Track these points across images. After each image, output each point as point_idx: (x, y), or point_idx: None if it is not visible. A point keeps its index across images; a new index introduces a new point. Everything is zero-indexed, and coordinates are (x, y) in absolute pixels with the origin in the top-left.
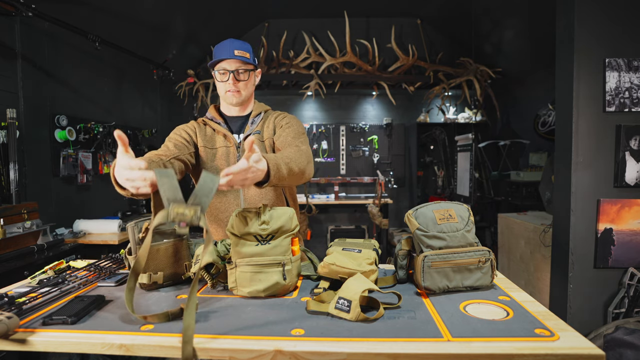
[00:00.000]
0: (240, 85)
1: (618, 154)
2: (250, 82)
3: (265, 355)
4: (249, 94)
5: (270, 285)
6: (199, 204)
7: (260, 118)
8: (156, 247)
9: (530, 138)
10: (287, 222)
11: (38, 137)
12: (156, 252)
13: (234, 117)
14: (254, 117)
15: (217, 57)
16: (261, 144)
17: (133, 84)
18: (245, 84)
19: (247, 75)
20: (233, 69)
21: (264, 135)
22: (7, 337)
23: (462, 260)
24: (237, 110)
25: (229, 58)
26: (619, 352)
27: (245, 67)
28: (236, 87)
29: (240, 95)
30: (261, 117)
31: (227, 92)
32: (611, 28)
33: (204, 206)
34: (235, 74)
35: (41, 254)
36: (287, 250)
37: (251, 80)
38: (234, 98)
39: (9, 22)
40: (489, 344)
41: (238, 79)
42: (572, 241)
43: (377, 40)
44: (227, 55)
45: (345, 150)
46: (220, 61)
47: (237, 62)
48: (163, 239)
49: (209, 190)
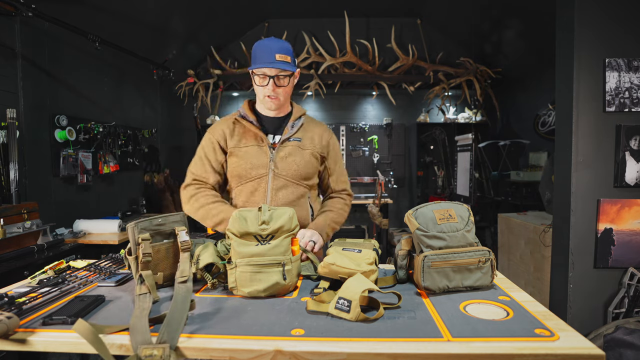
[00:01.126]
0: (279, 91)
1: (618, 154)
2: (290, 87)
3: (265, 355)
4: (287, 98)
5: (270, 285)
6: (166, 342)
7: (300, 122)
8: (156, 248)
9: (530, 138)
10: (287, 222)
11: (38, 137)
12: (156, 253)
13: (270, 118)
14: (294, 120)
15: (259, 62)
16: (301, 152)
17: (133, 84)
18: (285, 90)
19: (287, 80)
20: (273, 75)
21: (306, 144)
22: (7, 337)
23: (462, 260)
24: (274, 112)
25: (271, 65)
26: (619, 352)
27: (286, 72)
28: (275, 93)
29: (279, 101)
30: (301, 121)
31: (265, 96)
32: (611, 28)
33: (173, 343)
34: (276, 80)
35: (41, 254)
36: (287, 250)
37: (292, 84)
38: (273, 104)
39: (9, 22)
40: (489, 344)
41: (278, 84)
42: (572, 241)
43: (377, 40)
44: (268, 59)
45: (345, 150)
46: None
47: (279, 68)
48: (163, 239)
49: (177, 324)
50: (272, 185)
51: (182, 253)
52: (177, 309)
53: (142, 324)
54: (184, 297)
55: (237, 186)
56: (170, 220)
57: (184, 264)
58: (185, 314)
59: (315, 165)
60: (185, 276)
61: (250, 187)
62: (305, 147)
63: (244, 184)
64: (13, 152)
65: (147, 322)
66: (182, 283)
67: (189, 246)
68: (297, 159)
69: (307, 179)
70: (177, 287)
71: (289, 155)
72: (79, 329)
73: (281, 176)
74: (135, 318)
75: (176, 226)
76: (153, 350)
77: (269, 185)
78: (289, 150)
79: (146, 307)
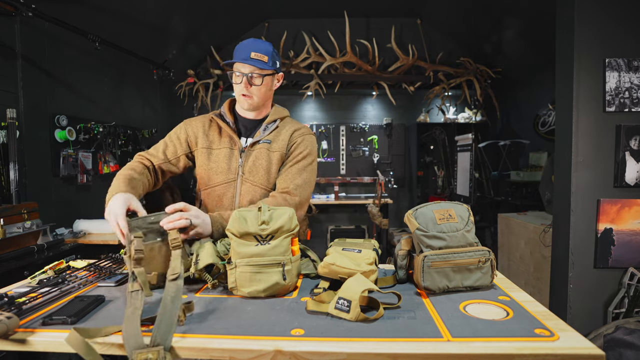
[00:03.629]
0: (253, 90)
1: (618, 154)
2: (265, 87)
3: (265, 355)
4: (263, 99)
5: (270, 285)
6: (160, 344)
7: (274, 125)
8: (150, 246)
9: (530, 138)
10: (286, 222)
11: (38, 137)
12: (150, 251)
13: (248, 120)
14: (268, 123)
15: (234, 58)
16: (268, 155)
17: (133, 84)
18: (259, 89)
19: (261, 80)
20: (247, 72)
21: (274, 146)
22: (7, 337)
23: (462, 260)
24: (253, 114)
25: (244, 61)
26: (619, 352)
27: (260, 71)
28: (248, 91)
29: (252, 100)
30: (276, 124)
31: (240, 95)
32: (611, 28)
33: (167, 344)
34: (249, 78)
35: (41, 254)
36: (287, 250)
37: (267, 85)
38: (246, 103)
39: (9, 22)
40: (489, 344)
41: (251, 83)
42: (572, 241)
43: (377, 40)
44: (242, 56)
45: (345, 150)
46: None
47: (253, 65)
48: (157, 237)
49: (169, 324)
50: (240, 191)
51: (173, 250)
52: (167, 309)
53: (134, 327)
54: (174, 296)
55: (205, 189)
56: (163, 218)
57: (175, 261)
58: (176, 312)
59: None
60: (176, 274)
61: (218, 191)
62: (274, 149)
63: (212, 187)
64: (13, 152)
65: (139, 325)
66: (172, 281)
67: (179, 244)
68: (264, 162)
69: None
70: (167, 285)
71: (256, 159)
72: (70, 341)
73: (249, 181)
74: (127, 320)
75: None
76: (148, 354)
77: (237, 191)
78: (257, 153)
79: (138, 306)
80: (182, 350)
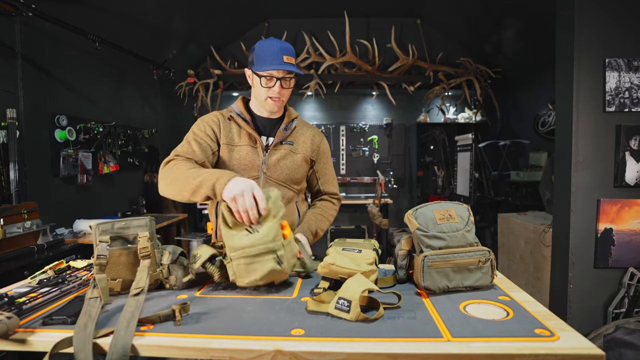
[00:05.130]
0: (284, 92)
1: (618, 154)
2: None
3: (265, 355)
4: (287, 100)
5: (265, 273)
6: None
7: (293, 125)
8: (117, 252)
9: (530, 138)
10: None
11: (38, 137)
12: (117, 257)
13: (265, 119)
14: (287, 123)
15: (268, 64)
16: (292, 156)
17: (133, 84)
18: (288, 92)
19: (292, 82)
20: (281, 77)
21: (297, 147)
22: (7, 337)
23: (462, 260)
24: (271, 114)
25: (280, 67)
26: (619, 352)
27: (291, 75)
28: (281, 94)
29: (282, 102)
30: (294, 124)
31: (268, 98)
32: (611, 28)
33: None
34: (282, 82)
35: (41, 254)
36: (277, 235)
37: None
38: (275, 106)
39: (9, 22)
40: (489, 344)
41: (284, 86)
42: (572, 241)
43: (377, 40)
44: (276, 61)
45: (345, 150)
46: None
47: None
48: (127, 244)
49: (125, 349)
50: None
51: (141, 260)
52: (121, 330)
53: (84, 341)
54: (131, 316)
55: None
56: (134, 225)
57: (141, 273)
58: (131, 335)
59: (305, 169)
60: (139, 288)
61: None
62: (297, 152)
63: None
64: (13, 152)
65: (90, 338)
66: (134, 296)
67: (148, 253)
68: (289, 163)
69: (297, 183)
70: (127, 300)
71: (281, 158)
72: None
73: (272, 179)
74: (78, 330)
75: (139, 231)
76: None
77: None
78: (282, 153)
79: (93, 316)
80: (182, 350)
